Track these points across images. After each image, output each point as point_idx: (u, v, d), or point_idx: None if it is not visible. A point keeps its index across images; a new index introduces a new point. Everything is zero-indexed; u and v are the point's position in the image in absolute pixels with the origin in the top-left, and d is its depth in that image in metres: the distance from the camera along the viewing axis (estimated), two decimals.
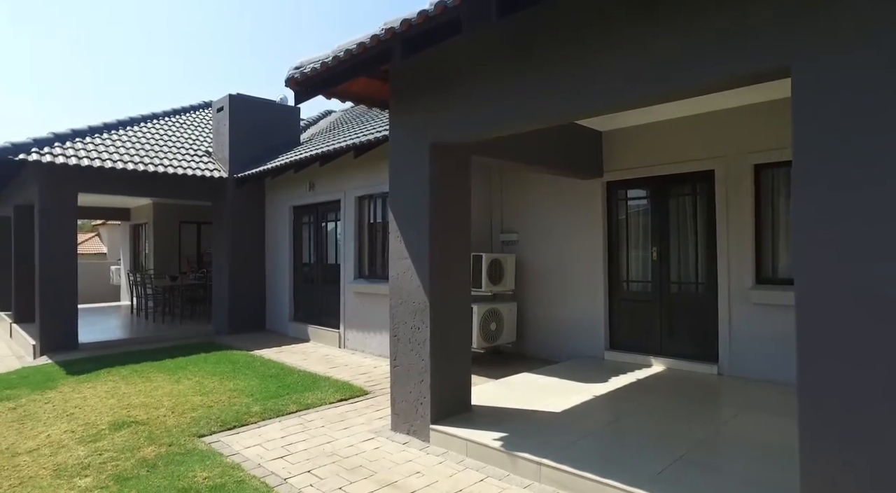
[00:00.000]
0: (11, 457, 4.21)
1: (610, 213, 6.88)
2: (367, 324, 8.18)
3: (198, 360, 7.65)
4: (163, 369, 7.13)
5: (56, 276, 8.70)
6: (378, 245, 8.31)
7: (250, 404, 5.46)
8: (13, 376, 7.06)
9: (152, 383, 6.36)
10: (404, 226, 4.57)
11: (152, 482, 3.64)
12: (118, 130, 10.26)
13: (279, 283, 10.33)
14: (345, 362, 7.63)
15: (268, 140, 10.75)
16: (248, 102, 10.61)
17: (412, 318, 4.49)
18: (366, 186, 8.25)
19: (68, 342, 8.75)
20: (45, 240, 8.61)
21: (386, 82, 4.93)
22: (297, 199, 9.86)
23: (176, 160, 10.00)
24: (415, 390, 4.46)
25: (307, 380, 6.44)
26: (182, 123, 12.21)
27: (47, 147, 8.59)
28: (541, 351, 7.40)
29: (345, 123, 11.76)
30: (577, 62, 3.41)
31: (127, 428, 4.77)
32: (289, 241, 10.05)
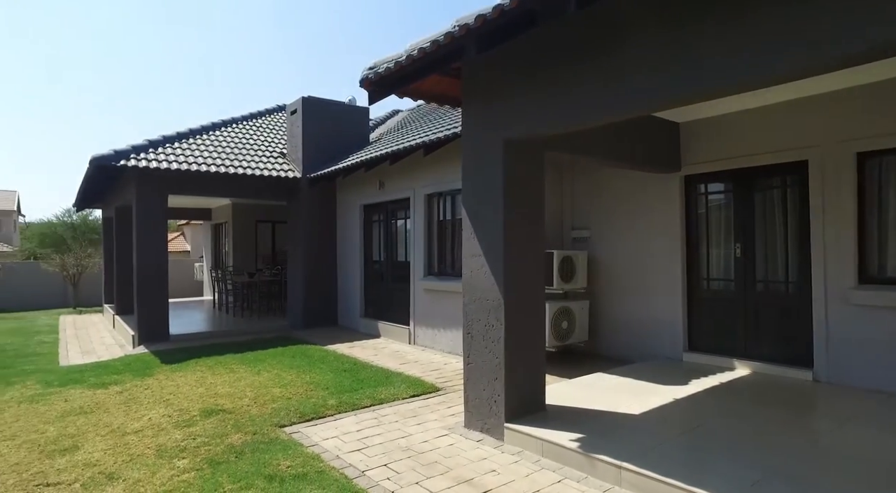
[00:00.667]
0: (122, 436, 4.57)
1: (688, 208, 6.56)
2: (437, 321, 8.24)
3: (275, 353, 8.00)
4: (244, 361, 7.51)
5: (150, 272, 9.36)
6: (447, 243, 8.36)
7: (326, 397, 5.64)
8: (118, 363, 7.67)
9: (235, 375, 6.70)
10: (477, 223, 4.56)
11: (241, 468, 3.83)
12: (202, 135, 10.90)
13: (350, 280, 10.62)
14: (415, 358, 7.73)
15: (339, 140, 11.06)
16: (320, 103, 10.96)
17: (486, 315, 4.47)
18: (435, 184, 8.31)
19: (161, 334, 9.39)
20: (141, 239, 9.29)
21: (457, 79, 4.93)
22: (367, 197, 10.09)
23: (253, 162, 10.50)
24: (488, 387, 4.44)
25: (380, 375, 6.57)
26: (258, 126, 12.80)
27: (143, 153, 9.26)
28: (614, 351, 7.18)
29: (412, 121, 11.90)
30: (667, 46, 3.25)
31: (215, 416, 5.05)
32: (359, 239, 10.31)
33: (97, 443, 4.42)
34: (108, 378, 6.69)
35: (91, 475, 3.78)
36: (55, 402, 5.71)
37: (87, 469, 3.89)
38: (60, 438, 4.57)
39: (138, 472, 3.82)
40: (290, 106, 11.22)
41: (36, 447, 4.39)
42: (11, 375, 7.24)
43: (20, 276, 17.71)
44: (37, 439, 4.57)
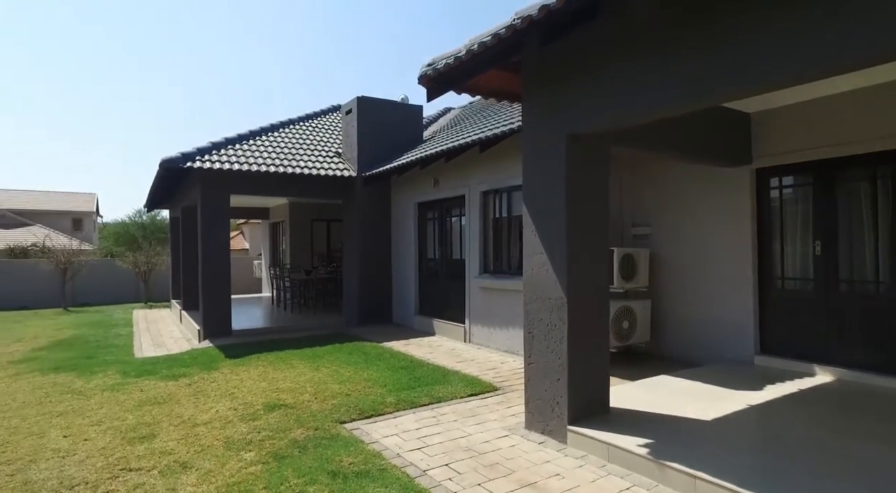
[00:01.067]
0: (192, 427, 4.75)
1: (760, 203, 6.19)
2: (493, 319, 8.16)
3: (333, 350, 8.14)
4: (303, 357, 7.68)
5: (214, 270, 9.74)
6: (504, 240, 8.26)
7: (385, 394, 5.67)
8: (186, 356, 8.01)
9: (295, 370, 6.86)
10: (539, 220, 4.45)
11: (304, 463, 3.89)
12: (261, 137, 11.23)
13: (405, 278, 10.69)
14: (471, 356, 7.68)
15: (393, 139, 11.14)
16: (374, 103, 11.07)
17: (548, 314, 4.36)
18: (491, 181, 8.22)
19: (224, 329, 9.76)
20: (206, 237, 9.67)
21: (517, 74, 4.83)
22: (421, 195, 10.11)
23: (310, 162, 10.73)
24: (550, 389, 4.33)
25: (437, 374, 6.56)
26: (314, 126, 13.08)
27: (206, 155, 9.63)
28: (678, 352, 6.88)
29: (465, 119, 11.85)
30: (751, 29, 3.05)
31: (278, 410, 5.17)
32: (414, 237, 10.35)
33: (171, 432, 4.61)
34: (177, 371, 7.00)
35: (167, 463, 3.94)
36: (133, 392, 6.01)
37: (164, 457, 4.05)
38: (139, 426, 4.79)
39: (209, 462, 3.94)
40: (345, 106, 11.40)
41: (118, 433, 4.62)
42: (95, 364, 7.69)
43: (99, 272, 18.87)
44: (119, 425, 4.82)
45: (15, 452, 4.30)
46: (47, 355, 8.74)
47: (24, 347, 9.61)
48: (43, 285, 17.71)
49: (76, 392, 6.11)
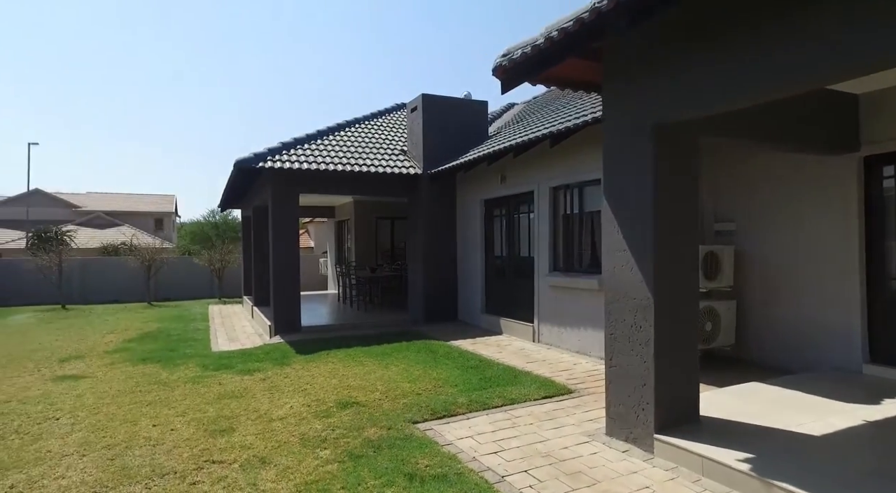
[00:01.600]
0: (269, 422, 4.83)
1: (869, 195, 5.59)
2: (564, 319, 7.90)
3: (400, 348, 8.13)
4: (371, 354, 7.71)
5: (284, 267, 10.00)
6: (575, 237, 7.96)
7: (456, 394, 5.57)
8: (259, 351, 8.26)
9: (365, 368, 6.88)
10: (622, 215, 4.19)
11: (380, 463, 3.84)
12: (328, 136, 11.43)
13: (470, 275, 10.57)
14: (541, 357, 7.46)
15: (457, 136, 11.03)
16: (439, 100, 11.01)
17: (631, 315, 4.09)
18: (561, 176, 7.95)
19: (294, 325, 9.99)
20: (277, 235, 9.94)
21: (596, 62, 4.57)
22: (488, 192, 9.95)
23: (376, 160, 10.81)
24: (634, 394, 4.07)
25: (508, 374, 6.39)
26: (380, 125, 13.19)
27: (277, 155, 9.89)
28: (767, 358, 6.37)
29: (531, 113, 11.58)
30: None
31: (350, 408, 5.17)
32: (480, 234, 10.21)
33: (249, 427, 4.70)
34: (252, 366, 7.20)
35: (247, 458, 4.00)
36: (212, 385, 6.22)
37: (244, 451, 4.12)
38: (219, 419, 4.93)
39: (286, 459, 3.97)
40: (410, 104, 11.40)
41: (201, 425, 4.76)
42: (177, 357, 8.06)
43: (177, 269, 19.96)
44: (201, 418, 4.97)
45: (113, 437, 4.51)
46: (136, 346, 9.26)
47: (116, 338, 10.24)
48: (130, 281, 18.94)
49: (162, 383, 6.39)
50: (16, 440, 4.58)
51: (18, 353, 8.90)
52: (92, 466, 3.94)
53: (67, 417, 5.17)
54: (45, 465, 4.00)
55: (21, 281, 17.79)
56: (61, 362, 7.98)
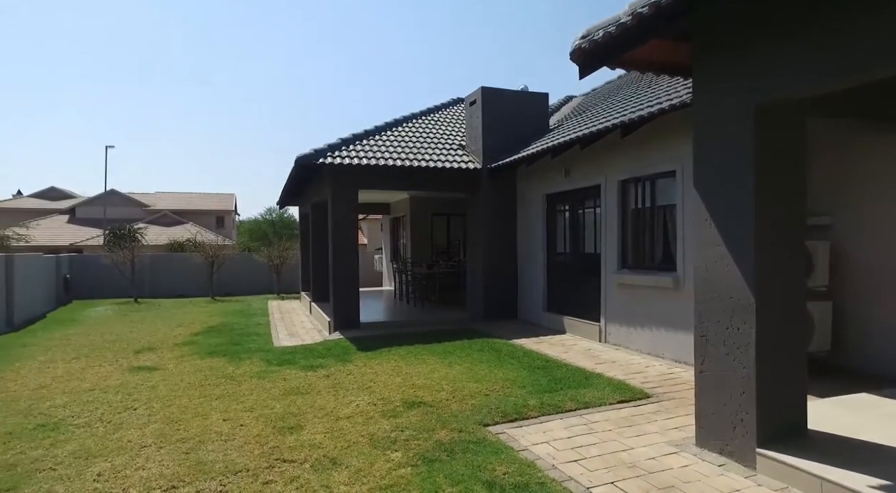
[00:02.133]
0: (336, 420, 4.74)
1: None
2: (634, 318, 7.50)
3: (462, 346, 7.95)
4: (433, 352, 7.56)
5: (344, 263, 10.01)
6: (645, 232, 7.54)
7: (525, 396, 5.32)
8: (320, 347, 8.27)
9: (428, 366, 6.74)
10: (717, 207, 3.82)
11: (456, 469, 3.65)
12: (386, 132, 11.38)
13: (532, 272, 10.27)
14: (610, 358, 7.10)
15: (518, 130, 10.74)
16: (499, 93, 10.74)
17: (727, 316, 3.73)
18: (631, 169, 7.54)
19: (353, 321, 10.00)
20: (336, 231, 9.96)
21: (682, 42, 4.21)
22: (550, 187, 9.62)
23: (434, 155, 10.67)
24: (731, 403, 3.71)
25: (577, 375, 6.09)
26: (437, 120, 13.06)
27: (336, 151, 9.91)
28: (868, 365, 5.77)
29: (591, 106, 11.15)
30: None
31: (417, 408, 5.02)
32: (542, 230, 9.89)
33: (316, 425, 4.63)
34: (314, 362, 7.19)
35: (317, 458, 3.90)
36: (277, 380, 6.23)
37: (313, 451, 4.03)
38: (286, 416, 4.89)
39: (357, 460, 3.85)
40: (469, 97, 11.19)
41: (269, 422, 4.73)
42: (241, 351, 8.19)
43: (238, 265, 20.58)
44: (268, 414, 4.95)
45: (187, 431, 4.54)
46: (202, 340, 9.51)
47: (183, 332, 10.57)
48: (195, 277, 19.68)
49: (229, 377, 6.46)
50: (100, 428, 4.69)
51: (99, 343, 9.31)
52: (169, 459, 3.95)
53: (144, 408, 5.28)
54: (126, 455, 4.05)
55: (99, 276, 18.80)
56: (136, 353, 8.27)
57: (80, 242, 29.19)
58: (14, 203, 38.93)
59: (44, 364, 7.62)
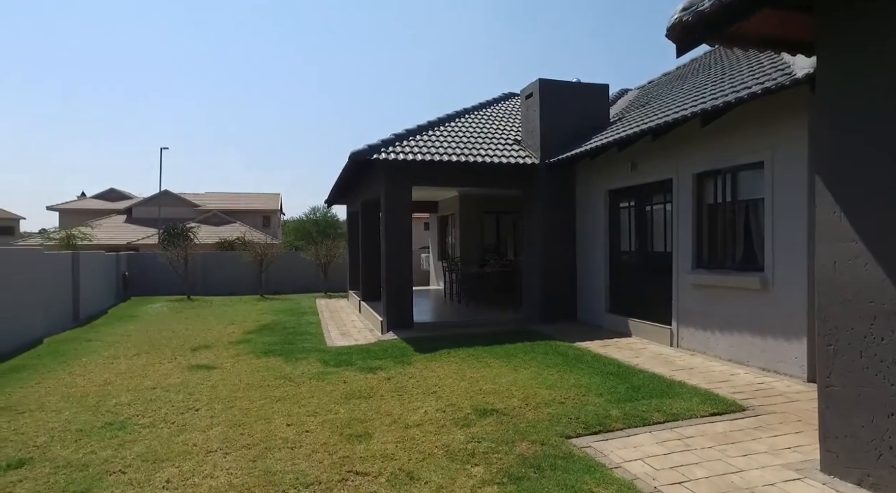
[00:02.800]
0: (405, 428, 4.45)
1: None
2: (711, 322, 6.94)
3: (524, 349, 7.56)
4: (495, 355, 7.21)
5: (397, 262, 9.77)
6: (725, 229, 6.96)
7: (605, 405, 4.91)
8: (376, 348, 8.04)
9: (492, 370, 6.39)
10: (851, 197, 3.32)
11: (548, 489, 3.29)
12: (438, 127, 11.09)
13: (592, 272, 9.78)
14: (686, 364, 6.58)
15: (576, 123, 10.26)
16: (557, 85, 10.29)
17: (866, 324, 3.23)
18: (709, 160, 6.98)
19: (406, 321, 9.75)
20: (389, 229, 9.74)
21: (796, 11, 3.72)
22: (614, 182, 9.11)
23: (490, 150, 10.31)
24: (873, 426, 3.20)
25: (656, 383, 5.62)
26: (489, 115, 12.69)
27: (390, 147, 9.68)
28: None
29: (654, 97, 10.56)
30: None
31: (490, 417, 4.68)
32: (604, 227, 9.39)
33: (385, 433, 4.35)
34: (372, 363, 6.95)
35: (392, 471, 3.61)
36: (336, 383, 6.01)
37: (387, 463, 3.75)
38: (352, 422, 4.63)
39: (437, 475, 3.53)
40: (525, 90, 10.77)
41: (335, 428, 4.48)
42: (296, 351, 8.06)
43: (285, 264, 20.74)
44: (333, 419, 4.71)
45: (251, 436, 4.35)
46: (256, 338, 9.45)
47: (237, 329, 10.58)
48: (244, 275, 19.98)
49: (287, 378, 6.29)
50: (165, 430, 4.56)
51: (158, 340, 9.38)
52: (236, 467, 3.73)
53: (206, 409, 5.13)
54: (193, 460, 3.87)
55: (154, 273, 19.31)
56: (193, 351, 8.25)
57: (137, 241, 30.21)
58: (79, 204, 40.78)
59: (108, 360, 7.68)
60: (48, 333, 10.21)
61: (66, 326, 11.41)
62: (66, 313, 11.85)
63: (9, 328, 8.82)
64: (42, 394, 5.83)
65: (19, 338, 9.10)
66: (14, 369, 7.23)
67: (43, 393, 5.87)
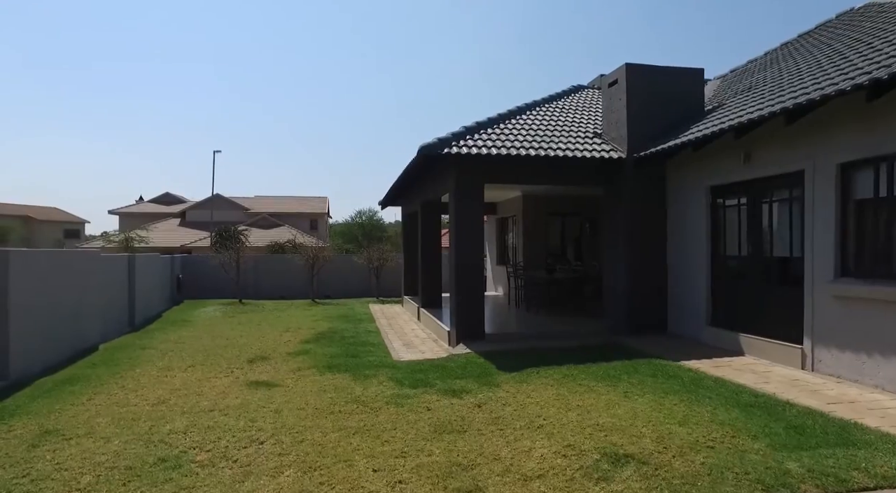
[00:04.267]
0: (524, 482, 3.50)
1: None
2: (865, 343, 5.71)
3: (625, 368, 6.50)
4: (593, 376, 6.18)
5: (468, 266, 8.87)
6: (885, 230, 5.71)
7: (771, 454, 3.83)
8: (451, 364, 7.12)
9: (599, 396, 5.37)
10: None
11: None
12: (509, 121, 10.12)
13: (688, 279, 8.60)
14: (841, 395, 5.36)
15: (667, 113, 9.11)
16: (646, 71, 9.14)
17: None
18: (865, 146, 5.73)
19: (476, 331, 8.81)
20: (460, 231, 8.83)
21: None
22: (718, 176, 7.93)
23: (570, 144, 9.29)
24: None
25: (822, 423, 4.46)
26: (561, 107, 11.64)
27: (462, 140, 8.79)
28: None
29: (757, 85, 9.31)
30: None
31: (627, 466, 3.68)
32: (705, 228, 8.21)
33: (501, 488, 3.41)
34: (453, 384, 6.04)
35: None
36: (419, 409, 5.12)
37: None
38: (453, 469, 3.71)
39: None
40: (608, 77, 9.67)
41: (435, 478, 3.57)
42: (362, 366, 7.24)
43: (336, 267, 20.09)
44: (428, 464, 3.81)
45: (332, 487, 3.50)
46: (315, 348, 8.72)
47: (293, 338, 9.90)
48: (294, 278, 19.53)
49: (359, 401, 5.45)
50: (226, 471, 3.77)
51: (212, 348, 8.80)
52: None
53: (272, 441, 4.34)
54: None
55: (206, 276, 19.08)
56: (250, 363, 7.58)
57: (190, 244, 30.51)
58: (136, 208, 41.89)
59: (162, 372, 7.06)
60: (104, 338, 9.80)
61: (122, 331, 11.03)
62: (122, 318, 11.50)
63: (68, 335, 8.41)
64: (92, 414, 5.19)
65: (78, 343, 8.72)
66: (69, 380, 6.70)
67: (93, 413, 5.23)
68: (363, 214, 63.60)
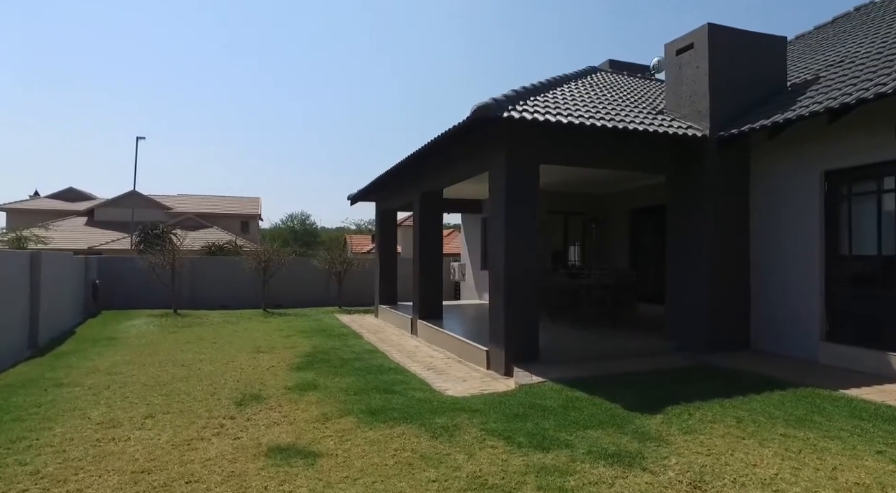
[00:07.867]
0: None
1: None
2: None
3: (795, 404, 4.79)
4: (772, 418, 4.42)
5: (518, 268, 6.85)
6: None
7: None
8: (545, 402, 4.99)
9: (824, 458, 3.58)
10: None
11: None
12: (560, 87, 8.30)
13: (787, 284, 7.09)
14: None
15: (751, 87, 7.64)
16: (730, 34, 7.59)
17: None
18: None
19: (532, 352, 6.84)
20: (510, 223, 6.80)
21: None
22: (840, 158, 6.48)
23: (638, 117, 7.56)
24: None
25: None
26: (591, 84, 9.94)
27: (515, 105, 6.81)
28: None
29: (843, 57, 8.08)
30: None
31: None
32: (818, 223, 6.73)
33: None
34: (591, 438, 4.02)
35: None
36: None
37: None
38: None
39: None
40: (678, 41, 8.04)
41: None
42: (416, 409, 4.99)
43: (287, 273, 17.02)
44: None
45: None
46: (320, 379, 6.33)
47: (276, 362, 7.41)
48: (238, 285, 16.57)
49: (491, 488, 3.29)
50: None
51: (168, 382, 6.19)
52: None
53: None
54: None
55: (128, 282, 15.69)
56: (239, 407, 5.15)
57: (101, 246, 26.13)
58: (31, 204, 35.93)
59: (103, 433, 4.44)
60: None
61: (19, 356, 7.97)
62: (18, 337, 8.37)
63: None
64: None
65: None
66: None
67: None
68: (295, 218, 59.78)
